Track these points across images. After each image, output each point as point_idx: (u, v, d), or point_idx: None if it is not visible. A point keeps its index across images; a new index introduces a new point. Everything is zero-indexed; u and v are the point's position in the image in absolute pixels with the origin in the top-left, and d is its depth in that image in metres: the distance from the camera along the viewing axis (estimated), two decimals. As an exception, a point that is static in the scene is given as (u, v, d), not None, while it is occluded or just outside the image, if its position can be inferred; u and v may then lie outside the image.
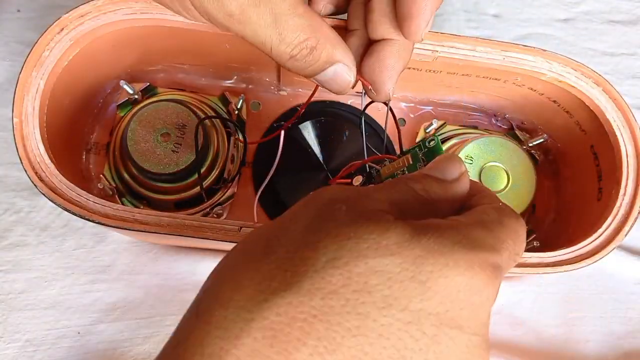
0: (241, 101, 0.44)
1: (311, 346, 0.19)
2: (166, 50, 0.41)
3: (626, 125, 0.39)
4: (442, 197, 0.25)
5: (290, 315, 0.19)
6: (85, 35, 0.36)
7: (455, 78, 0.42)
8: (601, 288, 0.47)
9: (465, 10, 0.53)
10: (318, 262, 0.20)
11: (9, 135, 0.36)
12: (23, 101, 0.35)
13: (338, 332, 0.19)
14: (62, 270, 0.43)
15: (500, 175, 0.41)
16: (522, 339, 0.45)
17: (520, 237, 0.24)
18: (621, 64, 0.53)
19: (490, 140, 0.42)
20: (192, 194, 0.41)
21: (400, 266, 0.20)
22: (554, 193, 0.46)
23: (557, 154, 0.46)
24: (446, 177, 0.26)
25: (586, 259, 0.37)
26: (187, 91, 0.44)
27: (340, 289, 0.19)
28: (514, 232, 0.24)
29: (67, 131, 0.40)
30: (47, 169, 0.34)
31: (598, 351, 0.46)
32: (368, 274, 0.20)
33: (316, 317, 0.19)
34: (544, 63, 0.39)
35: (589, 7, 0.55)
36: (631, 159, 0.38)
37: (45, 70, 0.35)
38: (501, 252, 0.22)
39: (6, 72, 0.47)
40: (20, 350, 0.41)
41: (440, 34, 0.38)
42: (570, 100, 0.41)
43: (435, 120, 0.45)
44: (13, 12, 0.49)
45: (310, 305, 0.19)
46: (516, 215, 0.25)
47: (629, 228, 0.37)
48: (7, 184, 0.45)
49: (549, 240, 0.43)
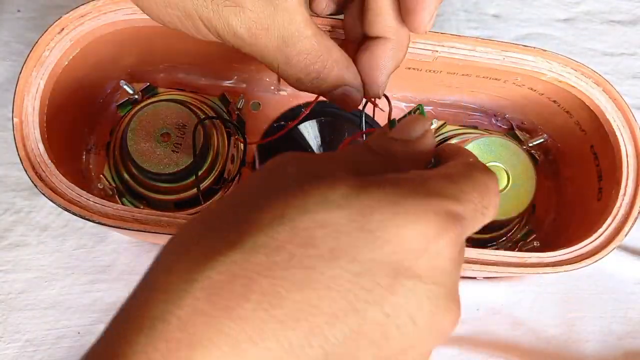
0: (241, 101, 0.44)
1: (254, 301, 0.18)
2: (166, 50, 0.41)
3: (626, 125, 0.39)
4: (404, 155, 0.25)
5: (233, 273, 0.19)
6: (86, 35, 0.36)
7: (455, 78, 0.42)
8: (601, 288, 0.47)
9: (465, 10, 0.53)
10: (263, 221, 0.20)
11: (9, 135, 0.36)
12: (23, 101, 0.35)
13: (283, 287, 0.19)
14: (62, 270, 0.43)
15: (500, 175, 0.41)
16: (522, 339, 0.45)
17: (489, 191, 0.23)
18: (621, 64, 0.53)
19: (490, 140, 0.42)
20: (192, 194, 0.41)
21: (347, 217, 0.20)
22: (554, 193, 0.46)
23: (557, 154, 0.46)
24: (409, 135, 0.26)
25: (586, 259, 0.37)
26: (187, 91, 0.44)
27: (285, 245, 0.19)
28: (482, 185, 0.23)
29: (67, 131, 0.40)
30: (47, 169, 0.34)
31: (598, 351, 0.46)
32: (314, 228, 0.20)
33: (260, 274, 0.19)
34: (544, 63, 0.39)
35: (589, 7, 0.55)
36: (631, 159, 0.38)
37: (45, 70, 0.35)
38: (463, 202, 0.22)
39: (6, 72, 0.47)
40: (20, 350, 0.41)
41: (440, 34, 0.38)
42: (570, 100, 0.41)
43: (435, 120, 0.45)
44: (13, 12, 0.49)
45: (254, 263, 0.19)
46: (487, 170, 0.24)
47: (629, 228, 0.37)
48: (7, 184, 0.45)
49: (549, 240, 0.43)
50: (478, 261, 0.36)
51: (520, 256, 0.37)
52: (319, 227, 0.20)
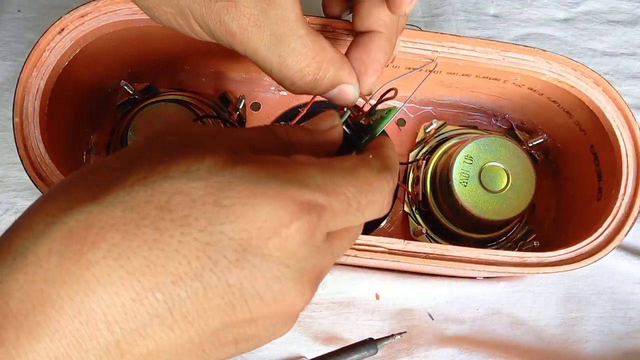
0: (242, 101, 0.44)
1: (105, 250, 0.20)
2: (166, 50, 0.41)
3: (626, 125, 0.39)
4: (306, 143, 0.26)
5: (89, 222, 0.20)
6: (86, 35, 0.36)
7: (455, 78, 0.42)
8: (601, 288, 0.47)
9: (465, 10, 0.54)
10: (127, 180, 0.21)
11: (9, 135, 0.36)
12: (23, 101, 0.35)
13: (134, 242, 0.20)
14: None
15: (500, 175, 0.41)
16: (522, 339, 0.45)
17: (372, 189, 0.24)
18: (621, 64, 0.53)
19: (490, 140, 0.42)
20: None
21: (205, 190, 0.21)
22: (554, 193, 0.46)
23: (557, 154, 0.46)
24: (316, 127, 0.27)
25: (586, 259, 0.37)
26: (187, 91, 0.44)
27: (142, 204, 0.21)
28: (363, 182, 0.24)
29: (68, 131, 0.40)
30: (48, 169, 0.34)
31: (598, 351, 0.46)
32: (171, 193, 0.21)
33: (113, 226, 0.20)
34: (544, 63, 0.39)
35: (589, 7, 0.55)
36: (631, 158, 0.38)
37: (45, 70, 0.35)
38: (330, 194, 0.23)
39: (6, 72, 0.47)
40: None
41: (440, 34, 0.38)
42: (570, 100, 0.41)
43: (435, 120, 0.45)
44: (13, 12, 0.49)
45: (110, 215, 0.20)
46: (381, 169, 0.25)
47: (628, 228, 0.37)
48: (7, 184, 0.45)
49: (549, 240, 0.44)
50: (478, 261, 0.36)
51: (520, 256, 0.37)
52: (177, 193, 0.21)
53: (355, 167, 0.24)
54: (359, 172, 0.24)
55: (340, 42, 0.36)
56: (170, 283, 0.20)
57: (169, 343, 0.21)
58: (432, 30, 0.39)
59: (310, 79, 0.29)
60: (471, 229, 0.43)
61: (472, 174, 0.41)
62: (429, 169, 0.44)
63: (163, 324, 0.21)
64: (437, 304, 0.45)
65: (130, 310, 0.20)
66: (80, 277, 0.20)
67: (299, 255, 0.22)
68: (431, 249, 0.36)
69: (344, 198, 0.23)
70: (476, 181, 0.41)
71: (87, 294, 0.20)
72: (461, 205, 0.40)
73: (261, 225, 0.21)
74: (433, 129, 0.45)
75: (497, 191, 0.41)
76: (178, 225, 0.21)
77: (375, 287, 0.45)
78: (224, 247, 0.21)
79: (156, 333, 0.21)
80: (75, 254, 0.20)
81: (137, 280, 0.20)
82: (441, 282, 0.45)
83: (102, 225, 0.20)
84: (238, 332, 0.22)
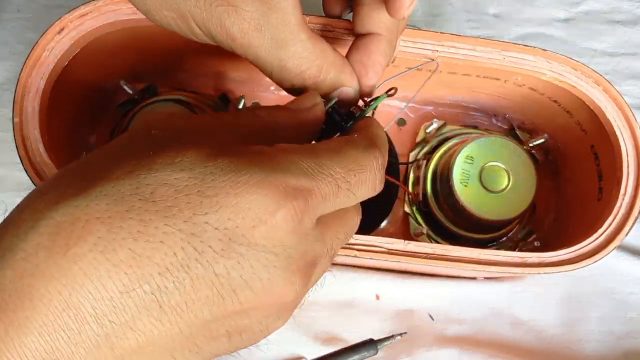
0: (242, 101, 0.44)
1: (90, 243, 0.20)
2: (166, 50, 0.41)
3: (626, 125, 0.39)
4: (288, 122, 0.26)
5: (75, 217, 0.20)
6: (86, 35, 0.36)
7: (456, 78, 0.42)
8: (601, 288, 0.47)
9: (465, 10, 0.53)
10: (113, 174, 0.22)
11: (9, 135, 0.36)
12: (23, 101, 0.35)
13: (119, 235, 0.20)
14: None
15: (500, 175, 0.41)
16: (522, 339, 0.45)
17: (362, 168, 0.24)
18: (621, 64, 0.53)
19: (490, 140, 0.42)
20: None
21: (188, 181, 0.21)
22: (554, 193, 0.46)
23: (558, 154, 0.46)
24: (297, 106, 0.28)
25: (586, 259, 0.37)
26: (187, 91, 0.44)
27: (127, 197, 0.21)
28: (351, 162, 0.24)
29: (68, 131, 0.40)
30: (48, 169, 0.34)
31: (598, 351, 0.46)
32: (155, 186, 0.21)
33: (99, 220, 0.20)
34: (545, 63, 0.39)
35: (589, 7, 0.55)
36: (631, 158, 0.38)
37: (45, 70, 0.35)
38: (316, 177, 0.23)
39: (6, 72, 0.47)
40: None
41: (441, 34, 0.38)
42: (571, 100, 0.41)
43: (436, 120, 0.45)
44: (13, 12, 0.49)
45: (95, 209, 0.21)
46: (368, 147, 0.25)
47: (629, 228, 0.37)
48: (7, 184, 0.45)
49: (549, 240, 0.44)
50: (479, 261, 0.36)
51: (521, 256, 0.37)
52: (161, 185, 0.21)
53: (341, 147, 0.24)
54: (345, 151, 0.24)
55: (340, 41, 0.36)
56: (157, 274, 0.20)
57: (159, 335, 0.21)
58: (432, 30, 0.39)
59: (310, 82, 0.29)
60: (472, 229, 0.43)
61: (473, 174, 0.41)
62: (430, 169, 0.44)
63: (152, 316, 0.21)
64: (438, 304, 0.45)
65: (119, 303, 0.20)
66: (67, 271, 0.20)
67: (287, 243, 0.22)
68: (431, 249, 0.36)
69: (331, 180, 0.23)
70: (477, 181, 0.41)
71: (75, 287, 0.20)
72: (462, 205, 0.40)
73: (245, 214, 0.21)
74: (433, 129, 0.45)
75: (497, 191, 0.41)
76: (162, 217, 0.21)
77: (376, 287, 0.45)
78: (209, 237, 0.21)
79: (145, 325, 0.21)
80: (62, 248, 0.20)
81: (123, 273, 0.20)
82: (442, 282, 0.45)
83: (87, 219, 0.20)
84: (230, 324, 0.22)
